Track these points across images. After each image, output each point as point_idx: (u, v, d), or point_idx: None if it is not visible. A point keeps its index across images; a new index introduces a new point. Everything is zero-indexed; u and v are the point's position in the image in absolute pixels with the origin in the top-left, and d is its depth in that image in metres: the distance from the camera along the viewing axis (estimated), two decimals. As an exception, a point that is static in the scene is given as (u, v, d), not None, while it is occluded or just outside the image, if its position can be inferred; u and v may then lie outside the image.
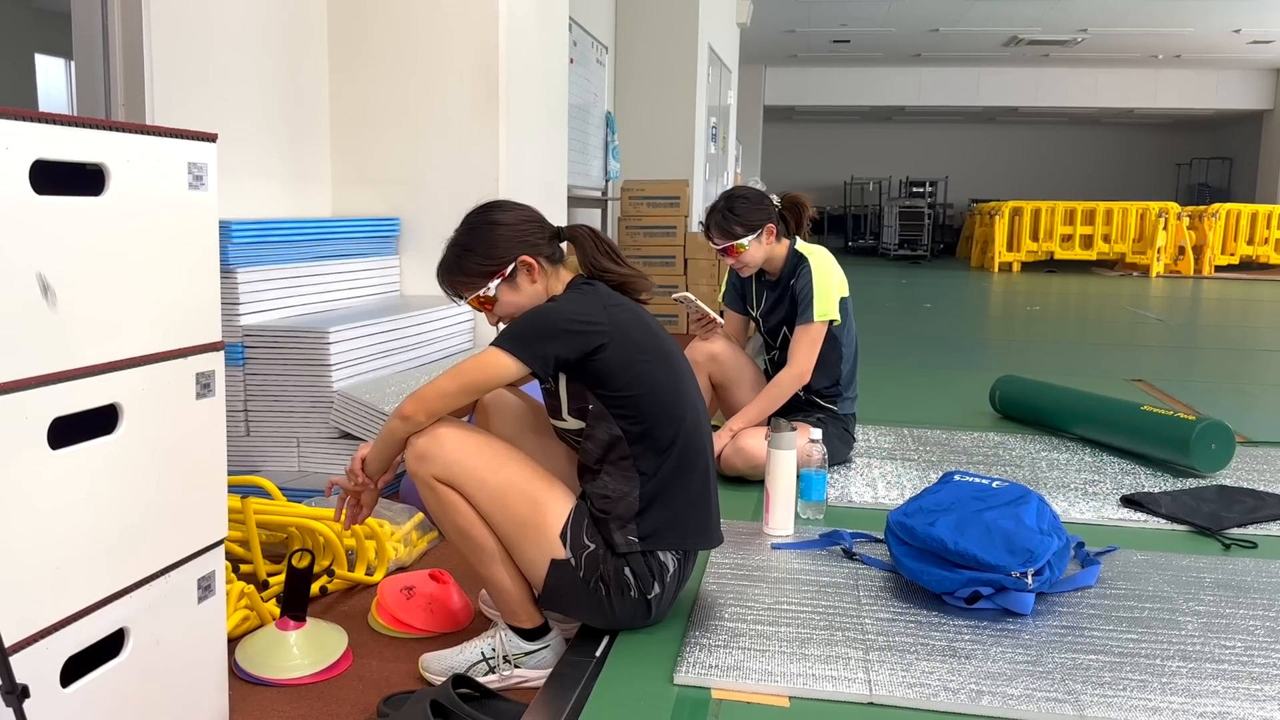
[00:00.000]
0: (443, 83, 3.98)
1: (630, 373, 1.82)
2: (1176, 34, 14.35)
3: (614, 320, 1.83)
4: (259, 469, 3.09)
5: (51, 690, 1.36)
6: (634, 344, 1.84)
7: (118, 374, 1.43)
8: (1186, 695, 1.69)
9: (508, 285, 1.91)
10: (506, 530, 1.81)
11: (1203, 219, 13.57)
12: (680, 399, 1.88)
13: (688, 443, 1.88)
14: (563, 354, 1.79)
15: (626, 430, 1.84)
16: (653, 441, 1.84)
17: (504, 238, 1.91)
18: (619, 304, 1.88)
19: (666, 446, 1.85)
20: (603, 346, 1.80)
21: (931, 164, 20.63)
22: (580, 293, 1.89)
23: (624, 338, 1.83)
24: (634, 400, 1.83)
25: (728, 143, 11.01)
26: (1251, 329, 7.65)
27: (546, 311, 1.84)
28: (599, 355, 1.80)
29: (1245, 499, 2.82)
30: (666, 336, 1.94)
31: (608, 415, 1.84)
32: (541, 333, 1.80)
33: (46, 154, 1.29)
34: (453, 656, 1.91)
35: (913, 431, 3.69)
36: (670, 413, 1.86)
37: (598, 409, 1.85)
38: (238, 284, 3.06)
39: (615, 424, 1.84)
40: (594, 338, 1.80)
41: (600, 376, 1.82)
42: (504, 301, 1.93)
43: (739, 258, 3.00)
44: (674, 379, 1.89)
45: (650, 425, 1.84)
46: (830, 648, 1.85)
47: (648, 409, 1.84)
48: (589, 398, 1.85)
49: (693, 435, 1.89)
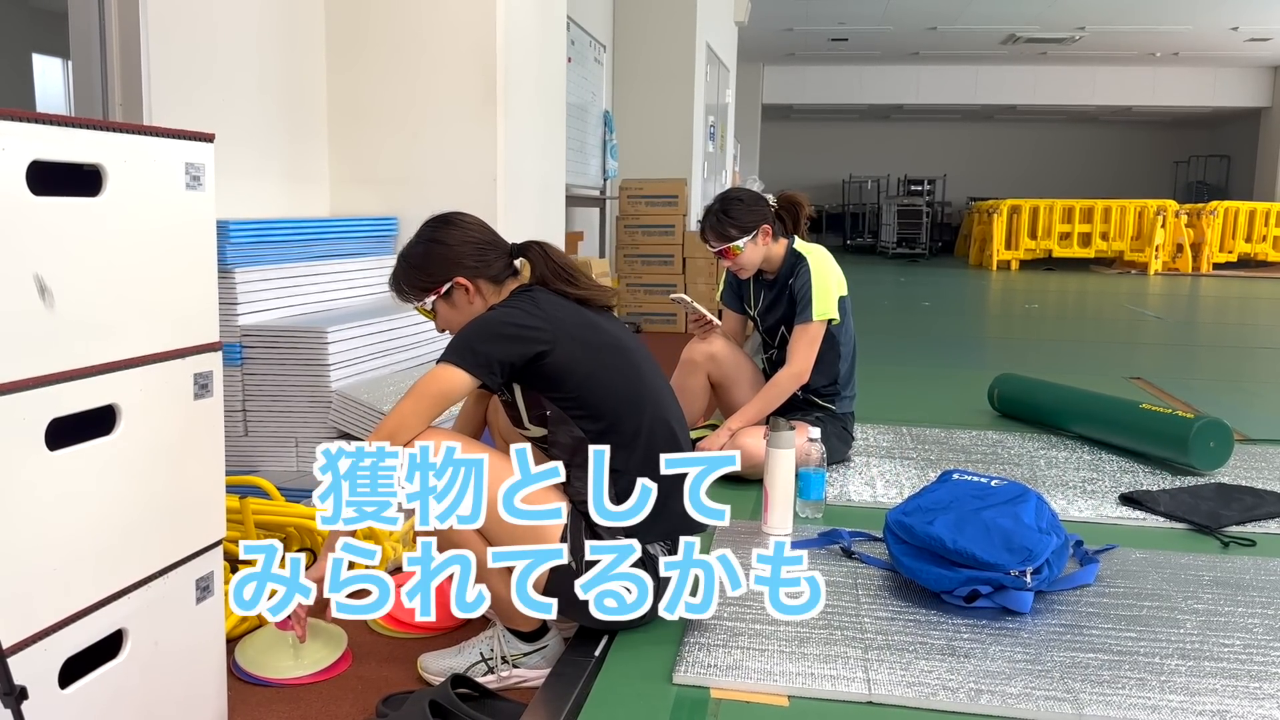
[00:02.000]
0: (440, 82, 3.97)
1: (580, 371, 1.82)
2: (1174, 32, 14.35)
3: (554, 321, 1.83)
4: (257, 469, 3.09)
5: (50, 691, 1.36)
6: (579, 342, 1.84)
7: (115, 375, 1.43)
8: (1185, 693, 1.69)
9: (444, 302, 1.94)
10: (506, 543, 1.79)
11: (1201, 217, 13.57)
12: (639, 391, 1.88)
13: (653, 433, 1.87)
14: (505, 358, 1.79)
15: (588, 430, 1.83)
16: (617, 436, 1.83)
17: (441, 259, 1.92)
18: (559, 305, 1.88)
19: (631, 439, 1.84)
20: (547, 349, 1.80)
21: (930, 162, 20.62)
22: (519, 299, 1.89)
23: (567, 337, 1.82)
24: (588, 400, 1.83)
25: (726, 141, 11.01)
26: (1250, 327, 7.65)
27: (485, 320, 1.85)
28: (546, 359, 1.80)
29: (1244, 497, 2.82)
30: (619, 329, 1.93)
31: (566, 418, 1.84)
32: (480, 340, 1.80)
33: (43, 155, 1.29)
34: (451, 657, 1.91)
35: (911, 430, 3.69)
36: (629, 406, 1.85)
37: (556, 414, 1.85)
38: (235, 284, 3.06)
39: (575, 425, 1.84)
40: (534, 342, 1.80)
41: (551, 380, 1.82)
42: (442, 315, 1.97)
43: (735, 260, 3.00)
44: (628, 370, 1.88)
45: (611, 421, 1.83)
46: (829, 647, 1.85)
47: (605, 405, 1.83)
48: (545, 404, 1.85)
49: (657, 425, 1.88)
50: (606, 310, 1.98)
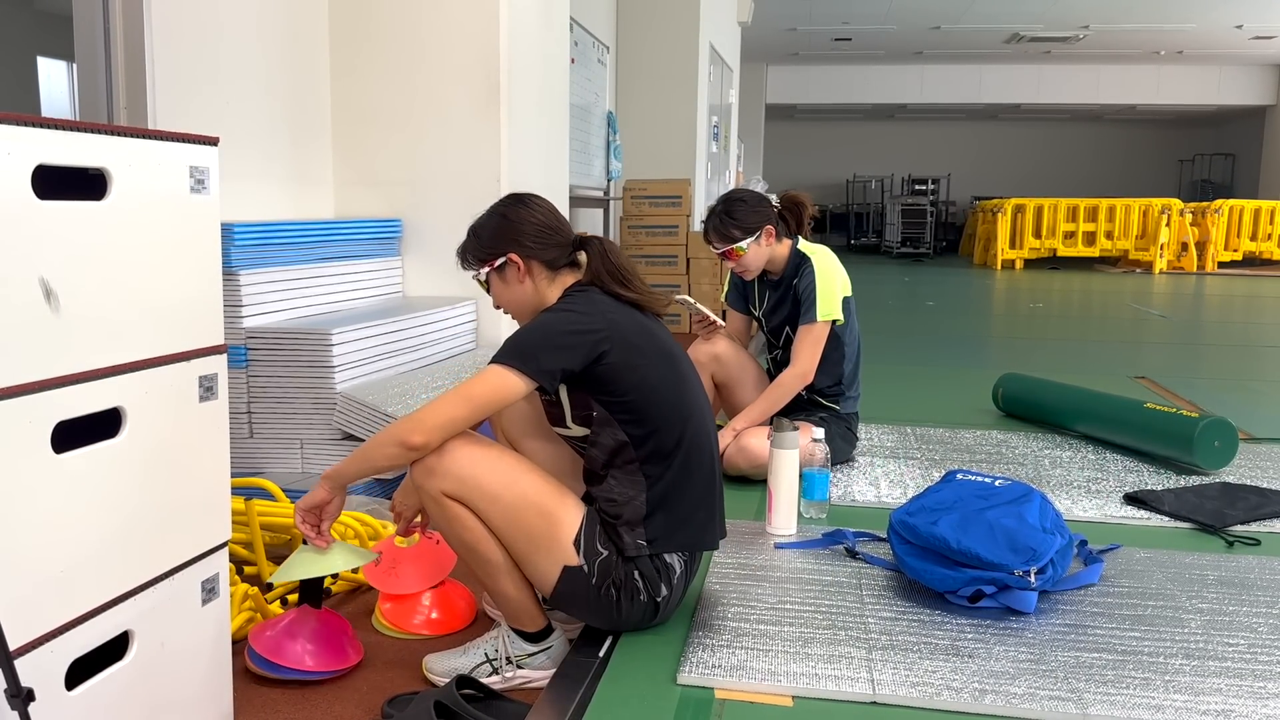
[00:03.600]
0: (444, 84, 3.98)
1: (633, 377, 1.82)
2: (1178, 30, 14.33)
3: (611, 325, 1.82)
4: (262, 471, 3.10)
5: (57, 693, 1.36)
6: (634, 348, 1.83)
7: (121, 377, 1.43)
8: (1190, 693, 1.69)
9: (497, 275, 1.94)
10: (520, 545, 1.80)
11: (1206, 215, 13.54)
12: (684, 401, 1.88)
13: (693, 444, 1.88)
14: (567, 365, 1.78)
15: (632, 435, 1.84)
16: (658, 445, 1.84)
17: (502, 233, 1.92)
18: (615, 308, 1.87)
19: (672, 449, 1.85)
20: (605, 354, 1.80)
21: (934, 161, 20.61)
22: (575, 300, 1.88)
23: (623, 342, 1.82)
24: (637, 405, 1.83)
25: (729, 142, 11.01)
26: (1255, 325, 7.64)
27: (545, 323, 1.82)
28: (603, 362, 1.80)
29: (1249, 496, 2.82)
30: (668, 338, 1.94)
31: (612, 421, 1.84)
32: (543, 346, 1.78)
33: (49, 159, 1.29)
34: (456, 657, 1.91)
35: (915, 430, 3.69)
36: (675, 415, 1.86)
37: (602, 415, 1.84)
38: (240, 286, 3.06)
39: (620, 429, 1.84)
40: (595, 346, 1.79)
41: (603, 382, 1.82)
42: (495, 289, 1.97)
43: (739, 261, 3.00)
44: (677, 381, 1.89)
45: (655, 428, 1.84)
46: (833, 647, 1.85)
47: (652, 413, 1.84)
48: (593, 404, 1.84)
49: (698, 436, 1.89)
50: (657, 318, 1.98)
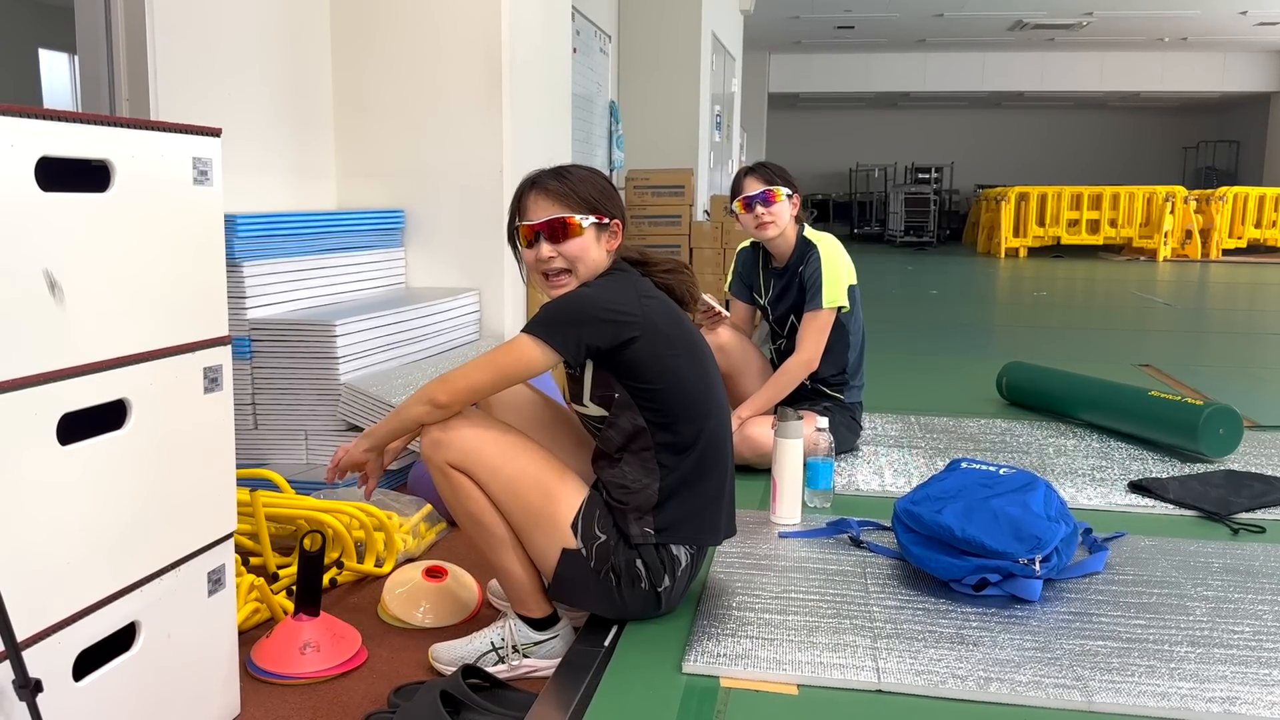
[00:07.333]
0: (446, 74, 3.97)
1: (659, 366, 1.82)
2: (1182, 16, 14.26)
3: (646, 312, 1.83)
4: (267, 462, 3.10)
5: (64, 684, 1.37)
6: (664, 338, 1.83)
7: (125, 369, 1.43)
8: (1195, 680, 1.69)
9: (595, 230, 1.87)
10: (518, 518, 1.82)
11: (1210, 202, 13.51)
12: (707, 396, 1.89)
13: (711, 440, 1.88)
14: (594, 342, 1.79)
15: (650, 422, 1.84)
16: (676, 436, 1.85)
17: (611, 194, 1.93)
18: (652, 296, 1.88)
19: (690, 443, 1.86)
20: (634, 339, 1.80)
21: (937, 150, 20.56)
22: (616, 280, 1.88)
23: (654, 330, 1.82)
24: (661, 394, 1.83)
25: (732, 131, 10.98)
26: (1259, 312, 7.62)
27: (580, 297, 1.83)
28: (629, 347, 1.80)
29: (1254, 484, 2.82)
30: (696, 332, 1.94)
31: (633, 405, 1.84)
32: (574, 319, 1.79)
33: (51, 151, 1.29)
34: (462, 647, 1.92)
35: (919, 419, 3.69)
36: (696, 410, 1.86)
37: (624, 398, 1.84)
38: (244, 278, 3.07)
39: (640, 415, 1.84)
40: (626, 329, 1.79)
41: (629, 367, 1.82)
42: (577, 243, 1.86)
43: (772, 207, 2.98)
44: (702, 376, 1.89)
45: (675, 420, 1.84)
46: (838, 636, 1.85)
47: (674, 404, 1.84)
48: (615, 386, 1.85)
49: (716, 433, 1.90)
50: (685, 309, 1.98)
